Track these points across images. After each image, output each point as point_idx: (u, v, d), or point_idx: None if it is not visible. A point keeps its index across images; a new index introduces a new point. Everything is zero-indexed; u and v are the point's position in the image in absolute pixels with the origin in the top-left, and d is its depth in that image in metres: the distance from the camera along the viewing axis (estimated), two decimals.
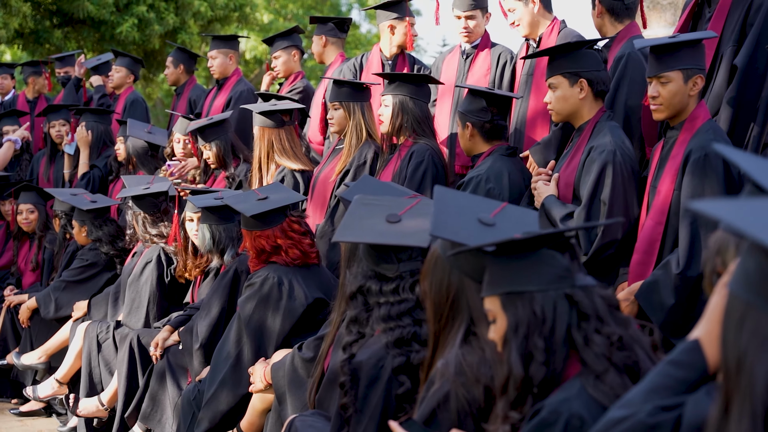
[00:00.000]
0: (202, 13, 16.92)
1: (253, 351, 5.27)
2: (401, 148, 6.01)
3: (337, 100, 6.45)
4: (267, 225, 5.32)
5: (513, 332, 2.78)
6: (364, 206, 4.10)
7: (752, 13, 5.14)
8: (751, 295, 1.71)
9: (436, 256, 3.34)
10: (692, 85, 4.64)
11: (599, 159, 4.85)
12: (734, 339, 1.73)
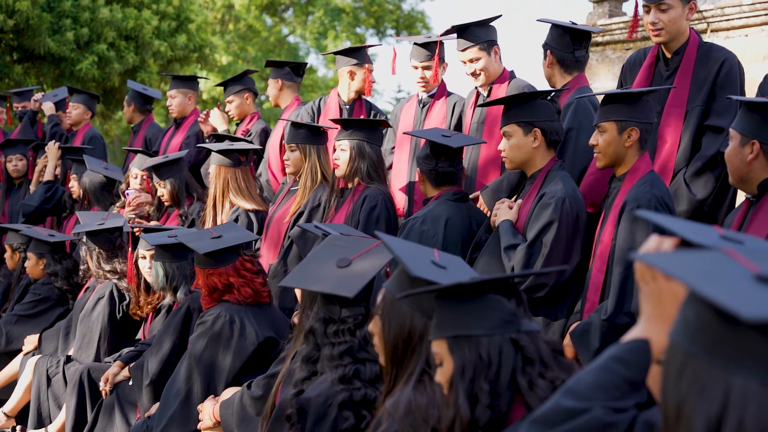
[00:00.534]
0: (161, 52, 16.94)
1: (203, 388, 5.24)
2: (354, 192, 6.02)
3: (293, 142, 6.45)
4: (220, 263, 5.30)
5: (459, 375, 2.79)
6: (329, 247, 4.14)
7: (722, 75, 5.24)
8: (691, 345, 1.72)
9: (391, 299, 3.33)
10: (626, 136, 4.73)
11: (549, 206, 4.91)
12: (674, 386, 1.73)
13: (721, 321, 1.68)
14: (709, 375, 1.69)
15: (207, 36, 18.97)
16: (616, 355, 2.24)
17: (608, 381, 2.21)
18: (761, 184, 4.22)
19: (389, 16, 30.28)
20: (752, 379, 1.65)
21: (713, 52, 5.33)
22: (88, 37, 16.22)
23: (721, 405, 1.66)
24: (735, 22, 7.74)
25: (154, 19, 16.92)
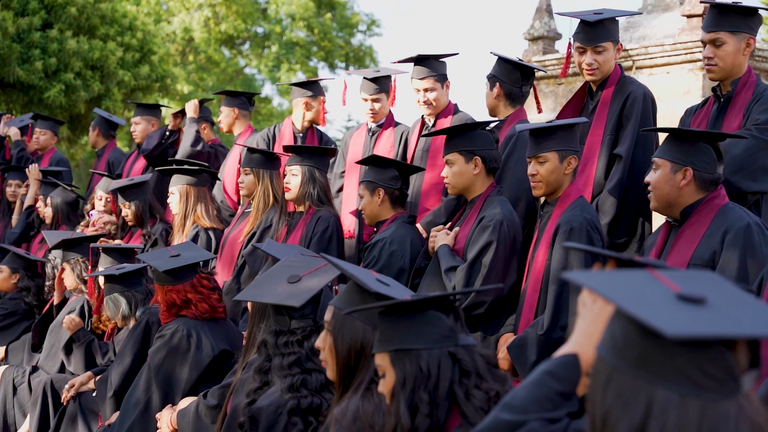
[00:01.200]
0: (125, 82, 16.89)
1: (161, 398, 5.19)
2: (306, 215, 6.02)
3: (248, 166, 6.46)
4: (178, 280, 5.28)
5: (401, 386, 2.80)
6: (282, 267, 4.17)
7: (628, 106, 5.30)
8: (617, 359, 1.73)
9: (341, 315, 3.33)
10: (567, 164, 4.77)
11: (488, 228, 4.94)
12: (601, 398, 1.74)
13: (644, 337, 1.70)
14: (632, 387, 1.70)
15: (168, 67, 18.94)
16: (548, 370, 2.25)
17: (542, 394, 2.23)
18: (684, 210, 4.26)
19: (339, 50, 30.36)
20: (673, 391, 1.67)
21: (626, 85, 5.39)
22: (56, 67, 16.12)
23: (644, 415, 1.68)
24: (658, 61, 7.85)
25: (119, 50, 16.86)
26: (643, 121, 5.26)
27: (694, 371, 1.68)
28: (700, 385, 1.68)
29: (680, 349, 1.68)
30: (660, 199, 4.29)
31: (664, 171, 4.25)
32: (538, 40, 9.36)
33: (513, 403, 2.22)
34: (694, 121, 5.16)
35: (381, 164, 5.66)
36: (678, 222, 4.29)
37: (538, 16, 9.42)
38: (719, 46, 4.95)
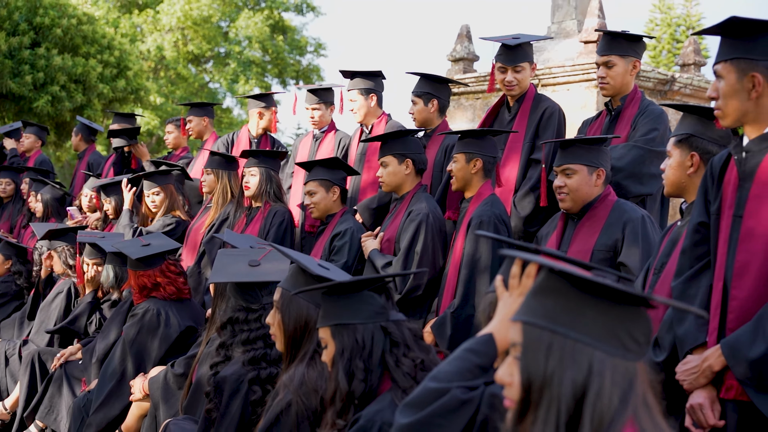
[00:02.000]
0: (104, 94, 16.80)
1: (134, 368, 5.16)
2: (263, 210, 5.98)
3: (209, 167, 6.42)
4: (149, 266, 5.25)
5: (339, 356, 2.82)
6: (227, 256, 4.15)
7: (545, 119, 5.35)
8: (554, 324, 1.73)
9: (288, 295, 3.34)
10: (473, 165, 4.79)
11: (416, 220, 4.96)
12: (542, 362, 1.72)
13: (588, 306, 1.72)
14: (574, 350, 1.70)
15: (142, 81, 18.83)
16: (468, 347, 2.31)
17: (463, 367, 2.27)
18: (585, 206, 4.29)
19: (290, 68, 30.28)
20: (608, 353, 1.69)
21: (541, 102, 5.44)
22: (44, 80, 15.97)
23: (587, 373, 1.69)
24: (559, 80, 7.91)
25: (99, 66, 16.76)
26: (558, 132, 5.32)
27: (624, 335, 1.70)
28: (626, 347, 1.71)
29: (617, 315, 1.70)
30: (578, 200, 4.29)
31: (581, 175, 4.26)
32: (459, 61, 9.37)
33: (438, 375, 2.27)
34: (589, 131, 5.23)
35: (336, 166, 5.61)
36: (576, 216, 4.32)
37: (459, 41, 9.44)
38: (611, 68, 5.02)
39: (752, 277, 2.97)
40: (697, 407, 3.03)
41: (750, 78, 2.96)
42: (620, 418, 1.68)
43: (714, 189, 3.18)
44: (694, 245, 3.22)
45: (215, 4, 28.73)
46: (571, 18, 8.92)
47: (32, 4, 16.67)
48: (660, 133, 4.87)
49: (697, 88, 8.40)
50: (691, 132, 3.52)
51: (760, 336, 2.85)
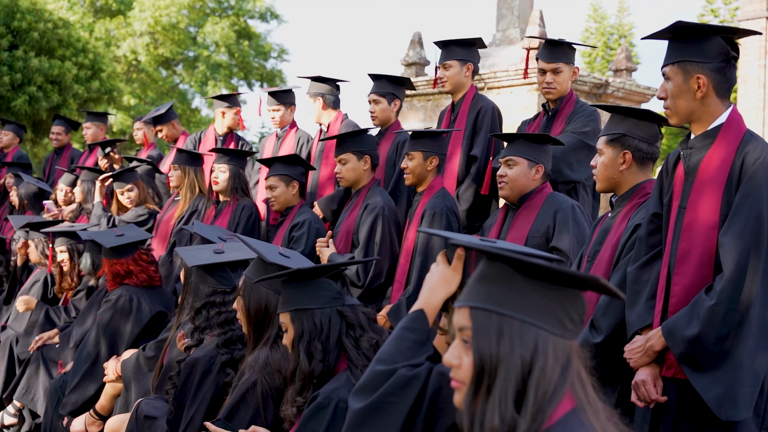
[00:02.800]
0: (80, 94, 16.67)
1: (108, 350, 5.12)
2: (232, 203, 5.93)
3: (176, 163, 6.36)
4: (122, 255, 5.22)
5: (299, 339, 2.83)
6: (191, 251, 4.17)
7: (480, 117, 5.37)
8: (501, 308, 1.74)
9: (250, 282, 3.34)
10: (429, 163, 4.81)
11: (373, 213, 4.96)
12: (494, 342, 1.73)
13: (528, 289, 1.74)
14: (522, 331, 1.72)
15: (115, 82, 18.67)
16: (403, 326, 2.33)
17: (403, 346, 2.29)
18: (523, 197, 4.32)
19: (255, 71, 30.13)
20: (550, 333, 1.72)
21: (478, 102, 5.47)
22: (21, 81, 15.82)
23: (533, 351, 1.71)
24: (504, 83, 7.96)
25: (74, 68, 16.61)
26: (492, 129, 5.34)
27: (563, 315, 1.73)
28: (565, 327, 1.74)
29: (556, 298, 1.73)
30: (515, 190, 4.32)
31: (521, 167, 4.28)
32: (412, 66, 9.40)
33: (383, 357, 2.28)
34: (527, 130, 5.26)
35: (294, 162, 5.59)
36: (515, 205, 4.36)
37: (412, 47, 9.47)
38: (558, 74, 5.06)
39: (692, 264, 3.01)
40: (641, 383, 3.07)
41: (695, 79, 3.01)
42: (560, 390, 1.72)
43: (667, 182, 3.22)
44: (648, 234, 3.26)
45: (183, 10, 28.48)
46: (514, 27, 8.99)
47: (10, 9, 16.48)
48: (592, 129, 4.92)
49: (629, 92, 8.51)
50: (623, 131, 3.55)
51: (695, 319, 2.89)
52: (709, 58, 3.00)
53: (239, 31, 29.78)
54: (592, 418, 1.75)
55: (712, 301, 2.87)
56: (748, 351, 2.86)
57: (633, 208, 3.53)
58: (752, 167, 2.93)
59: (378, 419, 2.22)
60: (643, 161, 3.57)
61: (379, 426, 2.22)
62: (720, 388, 2.86)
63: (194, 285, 4.07)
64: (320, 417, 2.64)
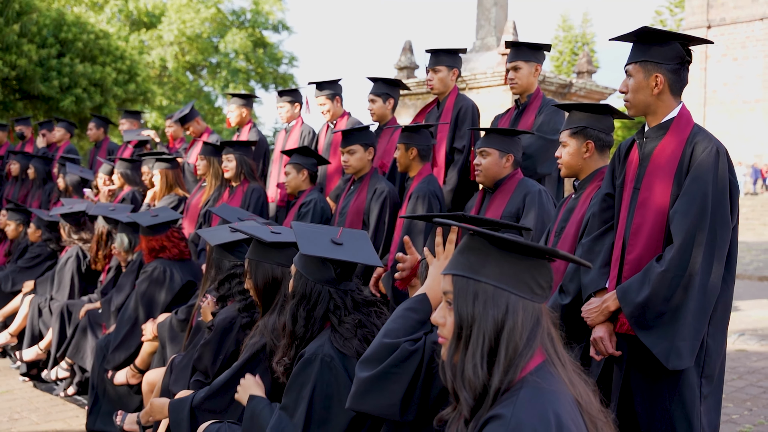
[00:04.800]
0: (118, 95, 16.62)
1: (145, 314, 5.13)
2: (243, 187, 5.91)
3: (202, 154, 6.32)
4: (157, 232, 5.21)
5: (292, 296, 2.84)
6: (212, 231, 4.13)
7: (462, 114, 5.36)
8: (477, 275, 1.77)
9: (255, 262, 3.36)
10: (410, 153, 4.80)
11: (381, 197, 4.99)
12: (470, 305, 1.76)
13: (498, 259, 1.75)
14: (494, 295, 1.74)
15: (149, 85, 18.61)
16: (408, 306, 2.34)
17: (406, 324, 2.30)
18: (497, 182, 4.31)
19: (269, 75, 30.04)
20: (519, 297, 1.74)
21: (459, 100, 5.45)
22: (68, 84, 15.77)
23: (504, 313, 1.73)
24: (482, 83, 7.94)
25: (113, 73, 16.56)
26: (472, 124, 5.34)
27: (532, 282, 1.75)
28: (534, 292, 1.75)
29: (525, 266, 1.74)
30: (488, 177, 4.30)
31: (493, 157, 4.27)
32: (404, 69, 9.37)
33: (389, 333, 2.28)
34: (500, 123, 5.26)
35: (307, 154, 5.58)
36: (491, 189, 4.36)
37: (404, 53, 9.43)
38: (517, 71, 5.05)
39: (644, 237, 3.02)
40: (599, 339, 3.08)
41: (654, 77, 3.02)
42: (531, 346, 1.73)
43: (620, 167, 3.23)
44: (601, 211, 3.27)
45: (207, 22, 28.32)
46: (491, 35, 8.95)
47: (58, 22, 16.42)
48: (557, 122, 4.91)
49: (590, 91, 8.49)
50: (585, 124, 3.55)
51: (646, 284, 2.90)
52: (668, 60, 3.01)
53: (255, 41, 29.67)
54: (560, 369, 1.77)
55: (662, 268, 2.88)
56: (691, 311, 2.87)
57: (594, 189, 3.54)
58: (701, 155, 2.95)
59: (383, 387, 2.22)
60: (602, 149, 3.58)
61: (384, 393, 2.21)
62: (666, 342, 2.88)
63: (216, 260, 4.07)
64: (308, 371, 2.62)
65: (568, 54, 30.48)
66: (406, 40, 9.57)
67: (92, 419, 5.13)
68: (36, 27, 15.33)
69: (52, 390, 6.10)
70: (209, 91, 30.05)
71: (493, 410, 1.68)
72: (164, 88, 26.92)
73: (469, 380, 1.73)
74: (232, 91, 27.33)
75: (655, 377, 2.97)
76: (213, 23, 28.77)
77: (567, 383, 1.75)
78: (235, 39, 28.39)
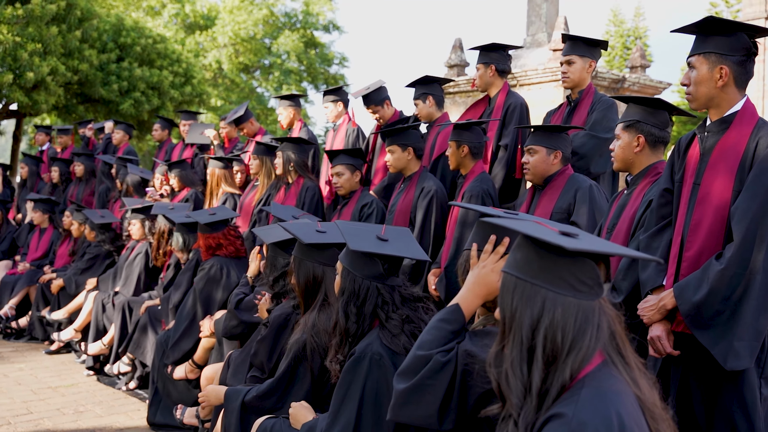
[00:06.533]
0: (175, 98, 16.88)
1: (203, 311, 5.19)
2: (297, 184, 5.93)
3: (255, 154, 6.37)
4: (215, 230, 5.28)
5: (341, 294, 2.85)
6: (266, 230, 4.16)
7: (510, 111, 5.31)
8: (520, 273, 1.76)
9: (299, 259, 3.40)
10: (461, 151, 4.77)
11: (428, 197, 4.97)
12: (510, 301, 1.75)
13: (540, 257, 1.73)
14: (531, 291, 1.72)
15: (204, 87, 18.89)
16: (441, 317, 2.34)
17: (439, 335, 2.30)
18: (547, 178, 4.27)
19: (320, 76, 30.23)
20: (558, 294, 1.70)
21: (509, 97, 5.40)
22: (127, 88, 16.08)
23: (540, 309, 1.71)
24: (533, 80, 7.85)
25: (170, 76, 16.84)
26: (520, 121, 5.28)
27: (572, 279, 1.71)
28: (576, 289, 1.71)
29: (564, 264, 1.71)
30: (537, 174, 4.26)
31: (540, 154, 4.22)
32: (454, 67, 9.32)
33: (423, 345, 2.28)
34: (552, 120, 5.19)
35: (356, 155, 5.59)
36: (541, 186, 4.31)
37: (453, 51, 9.38)
38: (571, 65, 4.97)
39: (703, 233, 2.94)
40: (656, 338, 3.01)
41: (719, 69, 2.92)
42: (579, 346, 1.68)
43: (679, 162, 3.14)
44: (659, 206, 3.19)
45: (259, 24, 28.64)
46: (542, 31, 8.84)
47: (117, 28, 16.78)
48: (611, 119, 4.83)
49: (643, 85, 8.32)
50: (638, 118, 3.48)
51: (704, 282, 2.83)
52: (733, 51, 2.91)
53: (307, 42, 29.88)
54: (621, 369, 1.72)
55: (722, 266, 2.80)
56: (751, 310, 2.78)
57: (647, 185, 3.46)
58: (765, 150, 2.85)
59: (419, 399, 2.23)
60: (655, 144, 3.50)
61: (421, 404, 2.23)
62: (724, 342, 2.80)
63: (271, 258, 4.10)
64: (358, 369, 2.62)
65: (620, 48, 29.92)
66: (456, 38, 9.52)
67: (153, 412, 5.23)
68: (96, 33, 15.69)
69: (115, 384, 6.25)
70: (262, 92, 30.39)
71: (553, 409, 1.64)
72: (218, 89, 27.33)
73: (511, 378, 1.72)
74: (284, 92, 27.57)
75: (714, 377, 2.89)
76: (265, 25, 29.08)
77: (629, 382, 1.70)
78: (287, 40, 28.67)
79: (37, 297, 7.90)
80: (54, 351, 7.36)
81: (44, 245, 8.78)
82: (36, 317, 7.81)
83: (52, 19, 13.70)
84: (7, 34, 12.83)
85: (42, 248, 8.77)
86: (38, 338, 7.86)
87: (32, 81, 13.35)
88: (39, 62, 13.29)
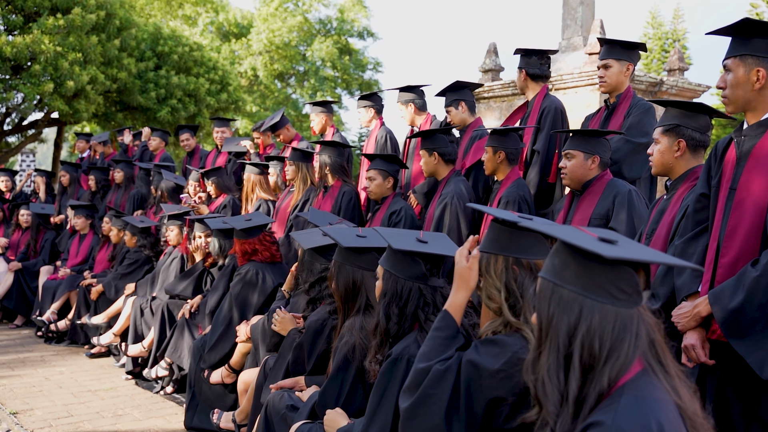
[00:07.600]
0: (211, 105, 17.03)
1: (239, 316, 5.22)
2: (333, 188, 5.95)
3: (291, 160, 6.41)
4: (250, 236, 5.30)
5: (383, 296, 2.85)
6: (304, 234, 4.16)
7: (544, 115, 5.27)
8: (556, 278, 1.74)
9: (339, 264, 3.41)
10: (498, 156, 4.75)
11: (442, 204, 4.99)
12: (547, 307, 1.73)
13: (578, 263, 1.71)
14: (569, 298, 1.70)
15: (240, 94, 19.04)
16: (434, 327, 2.39)
17: (435, 344, 2.33)
18: (585, 183, 4.22)
19: (355, 82, 30.32)
20: (596, 301, 1.68)
21: (545, 101, 5.36)
22: (164, 95, 16.26)
23: (577, 317, 1.68)
24: (569, 84, 7.80)
25: (207, 83, 16.99)
26: (554, 125, 5.24)
27: (611, 287, 1.68)
28: (614, 297, 1.68)
29: (602, 271, 1.69)
30: (574, 179, 4.22)
31: (578, 159, 4.18)
32: (488, 72, 9.29)
33: (421, 357, 2.31)
34: (590, 124, 5.13)
35: (390, 160, 5.59)
36: (579, 192, 4.27)
37: (488, 56, 9.35)
38: (608, 69, 4.92)
39: (739, 239, 2.88)
40: (690, 347, 2.96)
41: (755, 72, 2.87)
42: (617, 355, 1.66)
43: (716, 166, 3.08)
44: (695, 212, 3.14)
45: (294, 31, 28.84)
46: (577, 35, 8.77)
47: (155, 36, 17.01)
48: (647, 123, 4.76)
49: (681, 89, 8.21)
50: (678, 122, 3.43)
51: (740, 289, 2.76)
52: None
53: (341, 48, 30.01)
54: (662, 377, 1.69)
55: (758, 273, 2.73)
56: None
57: (686, 190, 3.41)
58: None
59: (424, 411, 2.24)
60: (696, 149, 3.44)
61: (426, 416, 2.24)
62: (761, 351, 2.72)
63: (308, 263, 4.12)
64: (395, 371, 2.64)
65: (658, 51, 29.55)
66: (491, 43, 9.49)
67: (190, 416, 5.28)
68: (135, 41, 15.95)
69: (153, 388, 6.32)
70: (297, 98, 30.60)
71: (591, 417, 1.62)
72: (254, 96, 27.59)
73: (547, 385, 1.71)
74: (319, 98, 27.72)
75: (753, 387, 2.83)
76: (300, 32, 29.30)
77: (669, 391, 1.68)
78: (321, 47, 28.84)
79: (79, 301, 8.04)
80: (94, 354, 7.48)
81: (84, 251, 8.95)
82: (76, 321, 7.95)
83: (91, 28, 13.97)
84: (49, 44, 13.10)
85: (82, 254, 8.94)
86: (78, 342, 8.00)
87: (72, 90, 13.62)
88: (79, 71, 13.55)
